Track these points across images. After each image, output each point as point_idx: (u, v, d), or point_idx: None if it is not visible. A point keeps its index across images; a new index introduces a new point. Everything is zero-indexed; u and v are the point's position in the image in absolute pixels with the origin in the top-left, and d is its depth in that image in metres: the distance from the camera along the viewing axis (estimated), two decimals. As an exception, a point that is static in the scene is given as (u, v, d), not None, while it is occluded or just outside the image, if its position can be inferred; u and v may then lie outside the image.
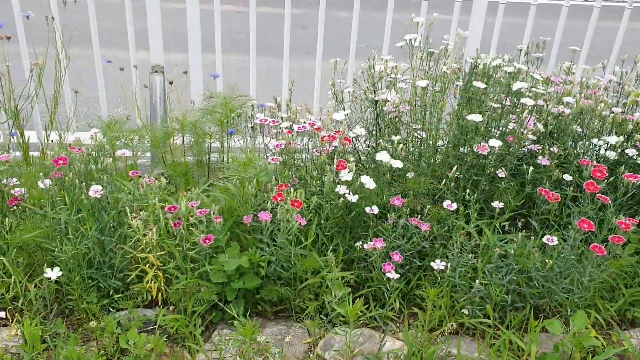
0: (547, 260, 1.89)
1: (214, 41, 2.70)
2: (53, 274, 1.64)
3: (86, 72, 2.81)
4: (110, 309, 1.94)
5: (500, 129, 2.21)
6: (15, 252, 1.87)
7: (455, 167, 2.04)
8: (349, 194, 1.90)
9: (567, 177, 2.15)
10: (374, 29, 3.08)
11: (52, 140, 2.30)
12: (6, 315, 1.69)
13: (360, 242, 2.00)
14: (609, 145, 2.23)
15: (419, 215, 2.01)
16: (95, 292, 1.91)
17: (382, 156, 1.93)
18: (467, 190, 2.01)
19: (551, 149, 2.27)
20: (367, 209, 1.97)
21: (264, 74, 2.84)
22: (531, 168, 2.05)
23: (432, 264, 1.91)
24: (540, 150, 2.27)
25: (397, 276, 1.80)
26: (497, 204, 2.06)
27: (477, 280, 1.89)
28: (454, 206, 2.00)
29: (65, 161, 1.85)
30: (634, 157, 2.24)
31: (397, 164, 1.94)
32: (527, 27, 2.79)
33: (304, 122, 2.11)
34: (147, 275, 1.93)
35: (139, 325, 1.83)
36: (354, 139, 2.20)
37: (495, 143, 2.03)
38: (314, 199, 1.85)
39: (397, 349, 1.90)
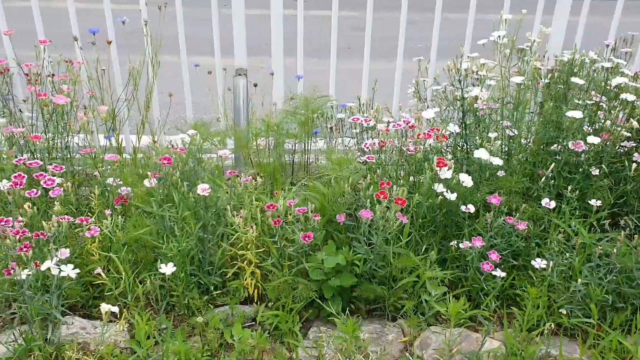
0: (652, 260, 1.84)
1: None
2: (168, 269, 1.69)
3: (170, 77, 2.90)
4: (210, 305, 1.99)
5: (594, 125, 2.17)
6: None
7: (553, 164, 2.01)
8: (446, 192, 1.89)
9: (666, 174, 2.09)
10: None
11: (154, 142, 2.38)
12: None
13: (455, 242, 1.99)
14: None
15: (516, 213, 1.98)
16: (196, 289, 1.96)
17: (481, 153, 1.91)
18: (569, 187, 1.97)
19: (646, 145, 2.21)
20: (463, 208, 1.96)
21: (323, 75, 2.89)
22: (634, 165, 2.00)
23: (532, 262, 1.88)
24: (635, 147, 2.21)
25: (503, 274, 1.78)
26: (594, 202, 2.02)
27: (578, 280, 1.85)
28: (553, 204, 1.97)
29: (169, 161, 1.90)
30: None
31: (497, 161, 1.92)
32: (613, 23, 2.73)
33: (396, 121, 2.11)
34: (245, 272, 1.96)
35: (241, 321, 1.87)
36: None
37: (594, 140, 1.99)
38: (415, 197, 1.85)
39: (496, 348, 1.88)
